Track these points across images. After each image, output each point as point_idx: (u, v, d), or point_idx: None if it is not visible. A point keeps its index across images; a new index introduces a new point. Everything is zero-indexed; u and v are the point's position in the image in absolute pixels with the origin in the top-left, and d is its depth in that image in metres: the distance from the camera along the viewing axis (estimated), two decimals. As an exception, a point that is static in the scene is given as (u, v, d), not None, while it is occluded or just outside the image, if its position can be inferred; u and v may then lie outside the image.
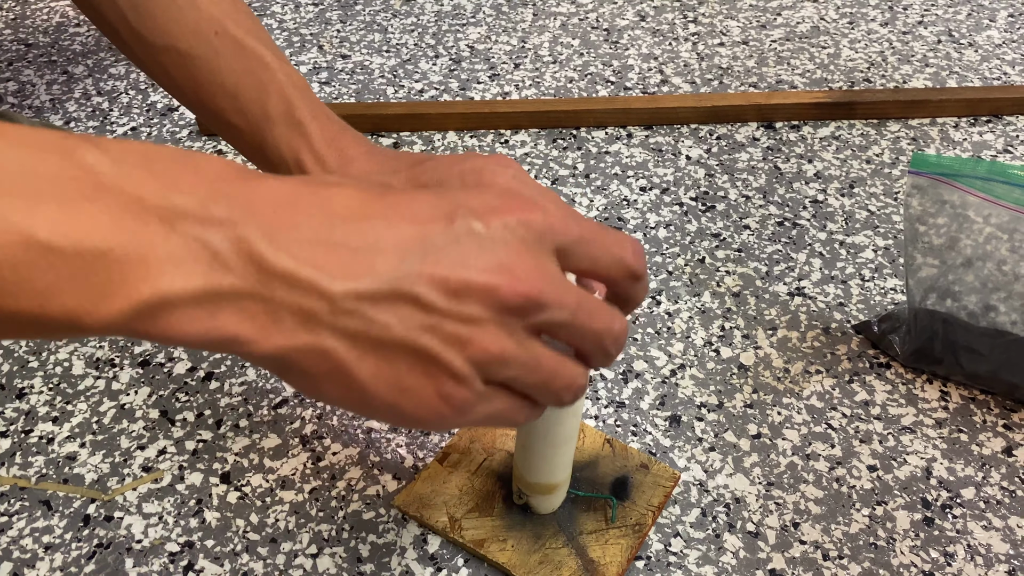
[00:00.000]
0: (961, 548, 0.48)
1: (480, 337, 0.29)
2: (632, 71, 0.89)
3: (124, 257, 0.24)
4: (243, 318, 0.27)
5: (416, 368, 0.29)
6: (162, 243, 0.25)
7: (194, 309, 0.26)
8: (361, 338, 0.28)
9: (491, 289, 0.29)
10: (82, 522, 0.50)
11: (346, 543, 0.48)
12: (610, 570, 0.46)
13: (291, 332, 0.27)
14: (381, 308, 0.28)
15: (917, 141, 0.79)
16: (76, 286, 0.24)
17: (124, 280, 0.25)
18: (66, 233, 0.24)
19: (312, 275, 0.27)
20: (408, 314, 0.28)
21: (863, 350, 0.60)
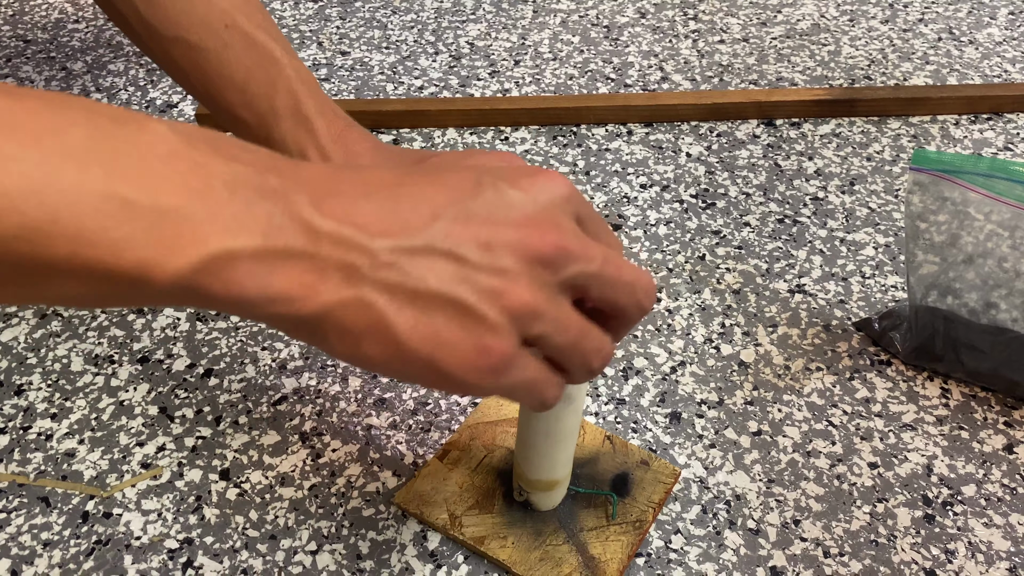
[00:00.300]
0: (962, 545, 0.48)
1: (513, 288, 0.30)
2: (632, 68, 0.89)
3: (193, 215, 0.26)
4: (294, 275, 0.28)
5: (453, 321, 0.30)
6: (226, 205, 0.27)
7: (253, 265, 0.27)
8: (399, 290, 0.29)
9: (521, 241, 0.30)
10: (81, 519, 0.50)
11: (346, 540, 0.48)
12: (611, 567, 0.45)
13: (335, 287, 0.29)
14: (418, 261, 0.29)
15: (918, 138, 0.79)
16: (149, 238, 0.26)
17: (193, 236, 0.26)
18: (142, 188, 0.26)
19: (353, 233, 0.29)
20: (443, 267, 0.30)
21: (864, 347, 0.59)
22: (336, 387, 0.57)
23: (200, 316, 0.62)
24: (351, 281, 0.29)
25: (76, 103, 0.27)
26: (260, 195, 0.28)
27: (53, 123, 0.25)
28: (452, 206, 0.30)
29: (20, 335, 0.61)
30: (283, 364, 0.58)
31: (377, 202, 0.30)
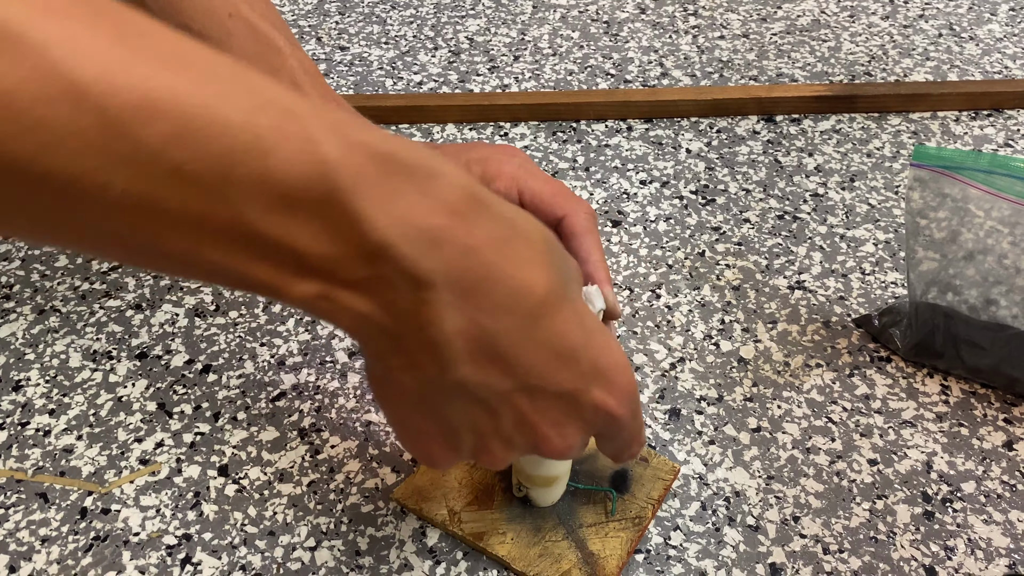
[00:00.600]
0: (961, 542, 0.48)
1: (498, 458, 0.34)
2: (632, 64, 0.89)
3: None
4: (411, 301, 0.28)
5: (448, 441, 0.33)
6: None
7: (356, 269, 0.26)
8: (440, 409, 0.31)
9: (544, 440, 0.33)
10: (79, 515, 0.49)
11: (344, 536, 0.48)
12: (610, 563, 0.45)
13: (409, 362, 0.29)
14: (474, 405, 0.31)
15: (918, 135, 0.79)
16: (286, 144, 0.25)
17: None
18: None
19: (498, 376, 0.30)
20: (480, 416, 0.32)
21: (864, 344, 0.59)
22: (335, 383, 0.57)
23: (198, 311, 0.62)
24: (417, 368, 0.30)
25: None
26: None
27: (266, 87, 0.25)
28: (542, 383, 0.31)
29: (18, 331, 0.60)
30: (282, 360, 0.58)
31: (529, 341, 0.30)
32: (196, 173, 0.23)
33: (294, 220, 0.24)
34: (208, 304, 0.63)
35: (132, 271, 0.65)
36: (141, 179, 0.22)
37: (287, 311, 0.62)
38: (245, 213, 0.24)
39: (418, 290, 0.26)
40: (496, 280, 0.28)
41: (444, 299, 0.27)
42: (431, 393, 0.30)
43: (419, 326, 0.27)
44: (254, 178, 0.23)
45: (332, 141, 0.24)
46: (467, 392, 0.29)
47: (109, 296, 0.63)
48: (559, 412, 0.32)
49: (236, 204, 0.23)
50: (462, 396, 0.30)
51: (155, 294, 0.63)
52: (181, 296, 0.63)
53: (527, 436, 0.32)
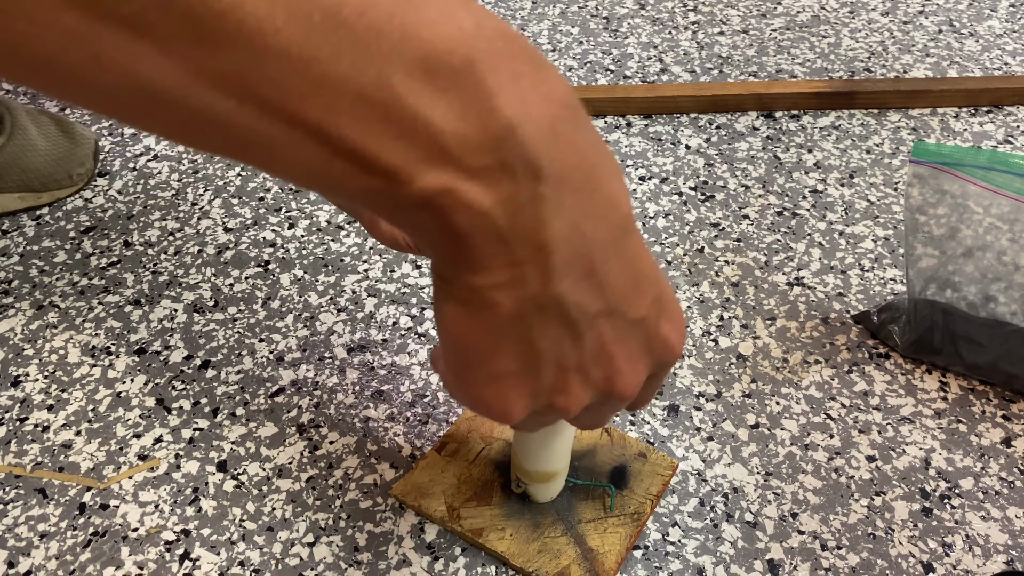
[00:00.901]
0: (959, 538, 0.48)
1: (573, 399, 0.32)
2: (632, 60, 0.89)
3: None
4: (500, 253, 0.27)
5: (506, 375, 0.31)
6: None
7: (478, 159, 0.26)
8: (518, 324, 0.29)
9: (617, 375, 0.32)
10: (78, 510, 0.49)
11: (343, 532, 0.48)
12: (609, 558, 0.45)
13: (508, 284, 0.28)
14: (557, 326, 0.29)
15: (917, 131, 0.79)
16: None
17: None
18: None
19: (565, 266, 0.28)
20: (562, 342, 0.30)
21: (862, 340, 0.59)
22: (334, 379, 0.57)
23: (197, 307, 0.62)
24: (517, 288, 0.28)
25: None
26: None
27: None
28: (621, 312, 0.30)
29: (17, 326, 0.60)
30: (280, 356, 0.58)
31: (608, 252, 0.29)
32: (350, 20, 0.23)
33: (433, 88, 0.24)
34: (207, 300, 0.62)
35: (131, 267, 0.65)
36: (296, 20, 0.22)
37: (285, 307, 0.62)
38: (390, 74, 0.23)
39: (536, 182, 0.26)
40: (596, 184, 0.28)
41: (556, 197, 0.26)
42: (527, 313, 0.29)
43: (533, 226, 0.27)
44: (402, 33, 0.23)
45: (464, 12, 0.24)
46: (561, 312, 0.29)
47: (108, 292, 0.63)
48: (634, 343, 0.31)
49: (383, 62, 0.23)
50: (556, 317, 0.29)
51: (154, 290, 0.63)
52: (180, 292, 0.63)
53: (604, 369, 0.31)
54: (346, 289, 0.63)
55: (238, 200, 0.71)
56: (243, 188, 0.73)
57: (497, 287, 0.28)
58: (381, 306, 0.62)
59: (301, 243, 0.67)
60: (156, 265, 0.65)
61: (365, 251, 0.66)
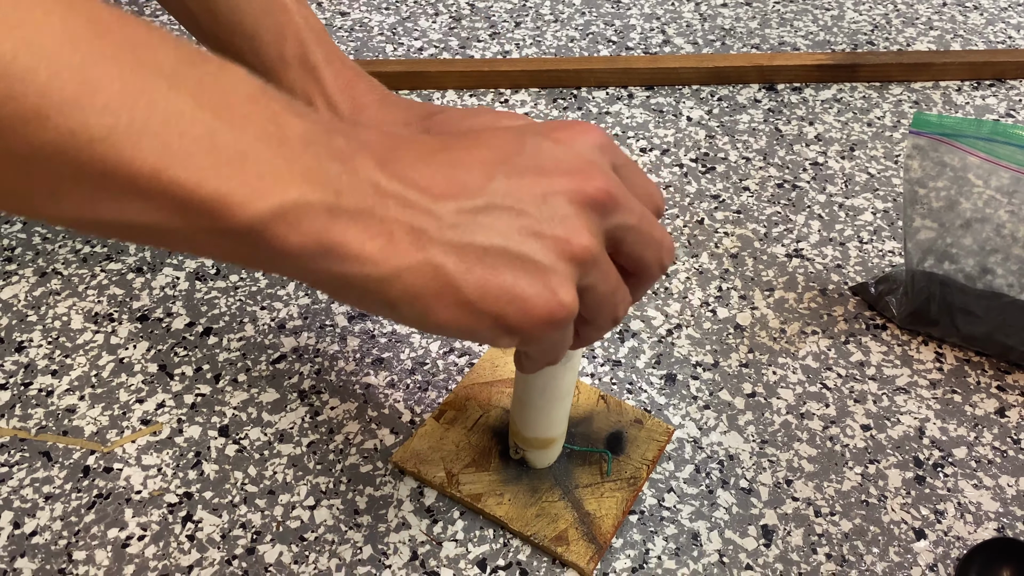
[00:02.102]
0: (951, 506, 0.49)
1: (575, 235, 0.30)
2: (634, 31, 0.88)
3: (272, 160, 0.26)
4: (366, 236, 0.28)
5: (522, 275, 0.30)
6: (301, 157, 0.27)
7: (328, 219, 0.27)
8: (468, 250, 0.29)
9: (574, 188, 0.31)
10: (82, 473, 0.50)
11: (343, 495, 0.49)
12: (606, 522, 0.46)
13: (405, 250, 0.28)
14: (482, 220, 0.30)
15: (919, 104, 0.79)
16: (232, 173, 0.25)
17: (274, 180, 0.26)
18: (227, 124, 0.25)
19: (419, 196, 0.29)
20: (508, 222, 0.30)
21: (860, 311, 0.60)
22: (335, 346, 0.57)
23: (199, 275, 0.62)
24: (420, 244, 0.29)
25: (159, 27, 0.26)
26: (329, 153, 0.28)
27: (145, 37, 0.25)
28: (504, 164, 0.31)
29: (20, 293, 0.61)
30: (282, 323, 0.59)
31: (435, 166, 0.30)
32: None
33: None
34: (209, 268, 0.63)
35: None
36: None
37: (287, 275, 0.62)
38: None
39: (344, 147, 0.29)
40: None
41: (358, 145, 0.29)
42: (449, 238, 0.29)
43: (367, 187, 0.29)
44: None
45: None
46: (476, 210, 0.30)
47: (110, 259, 0.64)
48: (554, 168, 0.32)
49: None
50: (478, 215, 0.30)
51: (156, 257, 0.64)
52: (182, 260, 0.63)
53: (564, 193, 0.31)
54: (347, 258, 0.63)
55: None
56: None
57: (403, 254, 0.28)
58: (382, 275, 0.62)
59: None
60: (158, 233, 0.66)
61: (366, 220, 0.66)
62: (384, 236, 0.28)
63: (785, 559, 0.46)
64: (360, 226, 0.28)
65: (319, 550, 0.47)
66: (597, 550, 0.45)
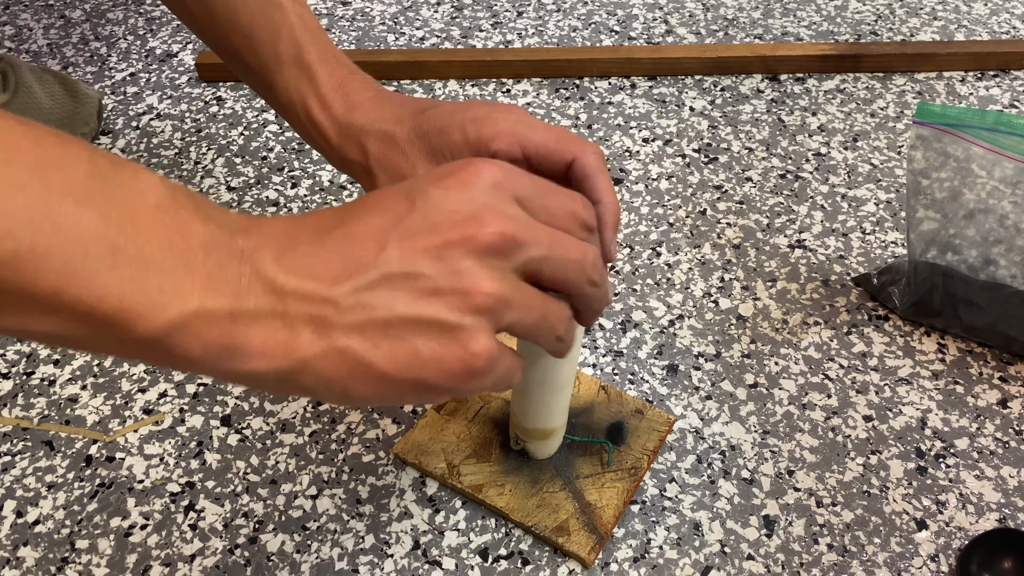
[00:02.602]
0: (953, 496, 0.49)
1: (477, 284, 0.30)
2: (637, 20, 0.88)
3: (174, 271, 0.27)
4: (268, 333, 0.29)
5: (431, 338, 0.30)
6: (202, 265, 0.28)
7: (228, 324, 0.28)
8: (370, 327, 0.30)
9: (467, 239, 0.30)
10: (84, 462, 0.50)
11: (346, 485, 0.49)
12: (607, 512, 0.46)
13: (309, 341, 0.29)
14: (379, 293, 0.30)
15: (923, 95, 0.78)
16: (133, 288, 0.26)
17: (174, 292, 0.27)
18: (131, 237, 0.26)
19: (315, 286, 0.29)
20: (404, 290, 0.30)
21: (862, 302, 0.60)
22: (336, 337, 0.57)
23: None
24: (322, 332, 0.29)
25: (77, 141, 0.27)
26: (231, 256, 0.29)
27: (58, 156, 0.26)
28: (395, 228, 0.30)
29: (22, 282, 0.61)
30: (283, 313, 0.59)
31: (329, 249, 0.30)
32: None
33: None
34: (210, 258, 0.63)
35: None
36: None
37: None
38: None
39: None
40: (266, 223, 0.31)
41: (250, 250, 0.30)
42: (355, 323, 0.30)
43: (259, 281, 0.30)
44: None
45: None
46: (371, 285, 0.30)
47: (112, 249, 0.63)
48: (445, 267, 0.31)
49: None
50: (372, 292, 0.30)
51: (157, 247, 0.64)
52: (183, 250, 0.63)
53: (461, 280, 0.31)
54: (349, 248, 0.63)
55: (241, 159, 0.72)
56: (246, 147, 0.73)
57: (309, 345, 0.29)
58: (383, 265, 0.62)
59: (304, 202, 0.67)
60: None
61: (368, 211, 0.66)
62: (286, 331, 0.29)
63: (787, 549, 0.46)
64: (260, 325, 0.28)
65: (321, 539, 0.47)
66: (598, 540, 0.45)
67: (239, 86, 0.79)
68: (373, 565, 0.46)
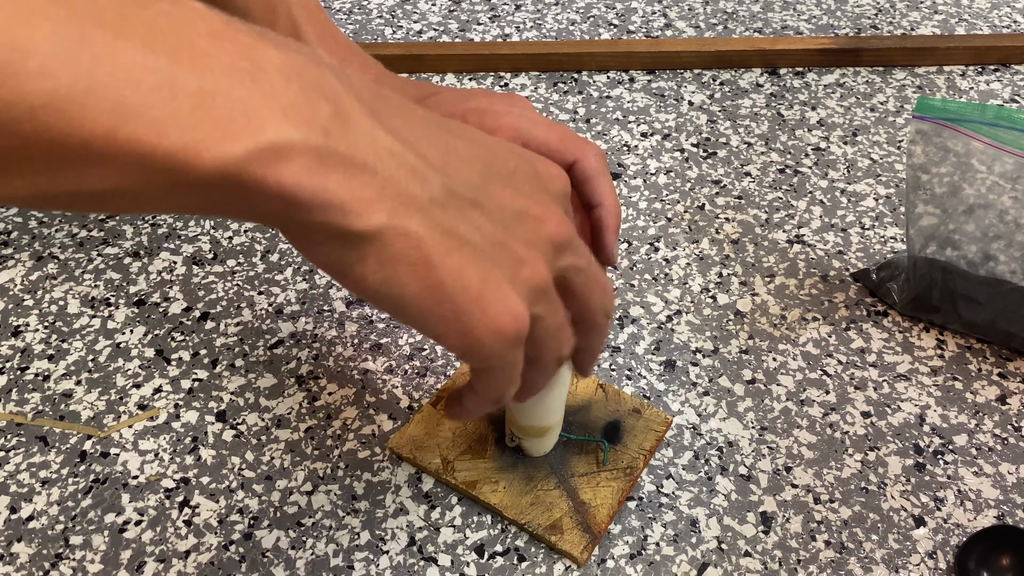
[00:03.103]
0: (951, 493, 0.48)
1: (535, 260, 0.30)
2: (635, 14, 0.88)
3: (246, 98, 0.23)
4: (354, 185, 0.25)
5: (489, 278, 0.29)
6: (283, 92, 0.24)
7: (312, 162, 0.24)
8: (451, 235, 0.28)
9: (544, 220, 0.31)
10: (79, 458, 0.50)
11: (341, 481, 0.49)
12: (601, 512, 0.46)
13: (393, 210, 0.26)
14: (468, 212, 0.29)
15: (923, 89, 0.78)
16: (197, 119, 0.23)
17: (247, 120, 0.23)
18: (187, 65, 0.23)
19: (417, 162, 0.27)
20: (489, 226, 0.29)
21: (861, 298, 0.59)
22: (332, 332, 0.57)
23: (196, 260, 0.62)
24: (408, 209, 0.27)
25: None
26: (317, 90, 0.25)
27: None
28: (491, 167, 0.30)
29: (16, 277, 0.61)
30: (280, 308, 0.58)
31: (432, 137, 0.29)
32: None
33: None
34: (206, 252, 0.63)
35: (130, 219, 0.65)
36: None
37: (285, 260, 0.62)
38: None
39: (344, 106, 0.27)
40: (386, 93, 0.30)
41: (366, 109, 0.28)
42: (437, 219, 0.28)
43: (368, 142, 0.28)
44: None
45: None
46: (459, 198, 0.29)
47: (107, 243, 0.63)
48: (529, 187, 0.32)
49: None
50: (459, 207, 0.29)
51: (153, 242, 0.63)
52: (179, 244, 0.63)
53: (530, 222, 0.31)
54: (345, 243, 0.63)
55: (237, 153, 0.71)
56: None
57: (390, 214, 0.26)
58: (380, 260, 0.62)
59: (300, 197, 0.67)
60: (155, 217, 0.65)
61: (364, 205, 0.66)
62: (373, 189, 0.26)
63: (784, 546, 0.46)
64: (349, 174, 0.25)
65: (316, 535, 0.47)
66: (591, 540, 0.45)
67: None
68: (368, 561, 0.45)
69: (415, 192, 0.27)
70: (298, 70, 0.25)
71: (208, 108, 0.23)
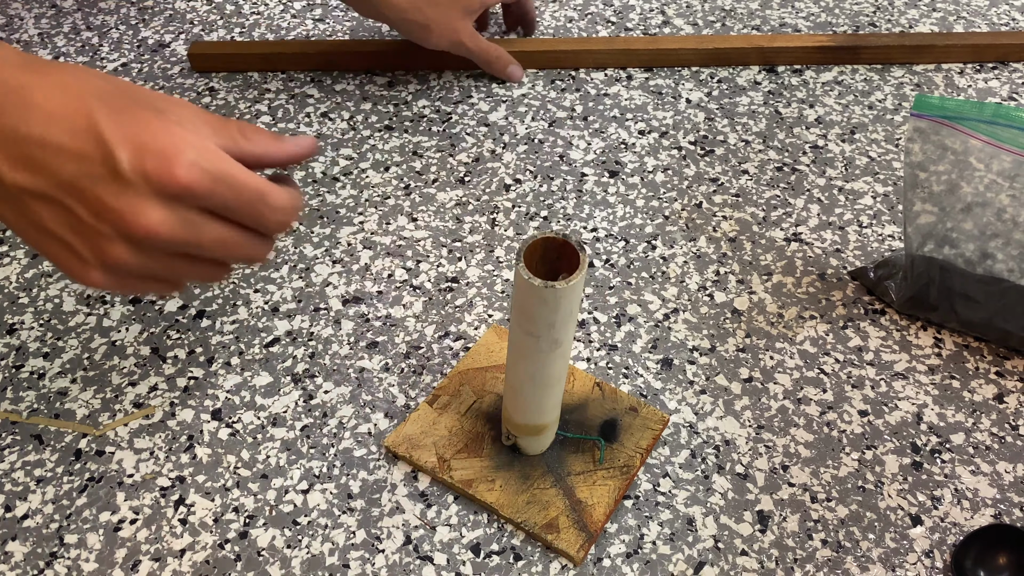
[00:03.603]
0: (948, 492, 0.48)
1: (112, 251, 0.38)
2: (633, 11, 0.87)
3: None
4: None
5: (67, 253, 0.38)
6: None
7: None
8: (22, 218, 0.38)
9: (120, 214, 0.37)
10: (73, 456, 0.50)
11: (337, 479, 0.49)
12: (597, 510, 0.46)
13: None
14: (38, 204, 0.37)
15: (921, 87, 0.78)
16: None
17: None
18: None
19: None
20: (57, 214, 0.37)
21: (858, 296, 0.59)
22: (329, 330, 0.57)
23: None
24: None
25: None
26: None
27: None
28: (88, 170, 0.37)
29: (12, 274, 0.60)
30: (275, 307, 0.58)
31: (28, 132, 0.36)
32: None
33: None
34: (202, 250, 0.62)
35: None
36: None
37: (281, 258, 0.62)
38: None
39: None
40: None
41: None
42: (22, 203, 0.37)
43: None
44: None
45: None
46: (31, 195, 0.37)
47: (102, 241, 0.63)
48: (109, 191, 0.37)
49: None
50: (32, 202, 0.37)
51: (149, 240, 0.63)
52: (175, 242, 0.63)
53: (111, 220, 0.37)
54: (341, 241, 0.63)
55: (233, 151, 0.71)
56: (239, 139, 0.72)
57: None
58: (376, 258, 0.61)
59: (297, 194, 0.67)
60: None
61: (360, 203, 0.66)
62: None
63: (780, 545, 0.46)
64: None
65: (312, 534, 0.46)
66: (587, 538, 0.45)
67: (232, 77, 0.78)
68: (364, 560, 0.45)
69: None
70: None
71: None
